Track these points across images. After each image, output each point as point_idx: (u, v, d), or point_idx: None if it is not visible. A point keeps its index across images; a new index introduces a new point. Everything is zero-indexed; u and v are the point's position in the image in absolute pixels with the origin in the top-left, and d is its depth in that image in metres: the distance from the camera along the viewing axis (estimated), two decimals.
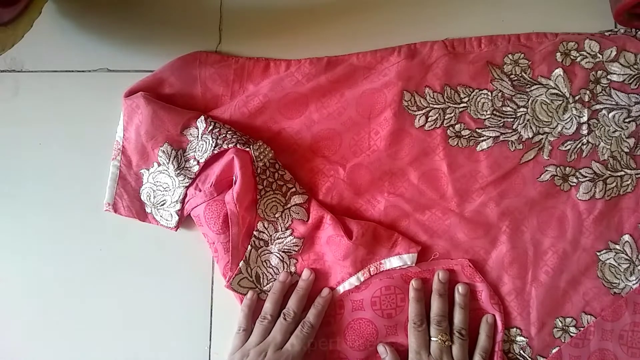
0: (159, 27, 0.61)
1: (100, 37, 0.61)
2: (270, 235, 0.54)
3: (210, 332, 0.56)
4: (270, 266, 0.54)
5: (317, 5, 0.60)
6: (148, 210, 0.56)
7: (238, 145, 0.53)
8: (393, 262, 0.53)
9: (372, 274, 0.53)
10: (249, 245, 0.53)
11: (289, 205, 0.54)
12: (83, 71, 0.61)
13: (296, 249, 0.54)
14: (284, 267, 0.54)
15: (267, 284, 0.53)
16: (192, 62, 0.58)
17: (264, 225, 0.54)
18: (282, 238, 0.54)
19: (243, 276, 0.53)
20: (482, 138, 0.56)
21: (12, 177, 0.60)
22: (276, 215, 0.54)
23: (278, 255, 0.53)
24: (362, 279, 0.53)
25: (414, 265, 0.53)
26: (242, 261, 0.53)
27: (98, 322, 0.57)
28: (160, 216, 0.56)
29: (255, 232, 0.53)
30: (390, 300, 0.52)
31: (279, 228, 0.54)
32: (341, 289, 0.53)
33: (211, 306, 0.56)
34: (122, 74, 0.60)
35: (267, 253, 0.54)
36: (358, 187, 0.56)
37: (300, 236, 0.53)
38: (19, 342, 0.58)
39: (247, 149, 0.53)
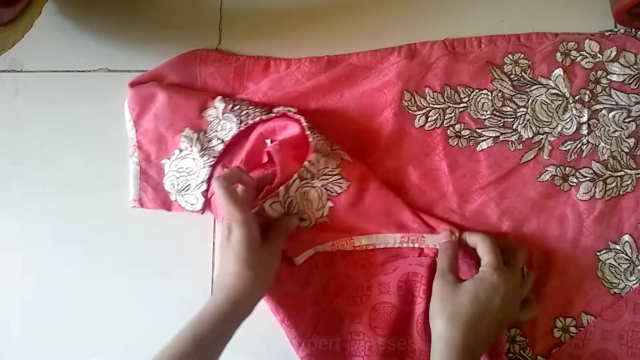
0: (159, 27, 0.61)
1: (100, 37, 0.61)
2: (319, 169, 0.51)
3: None
4: (306, 199, 0.51)
5: (317, 5, 0.60)
6: (172, 198, 0.56)
7: (263, 117, 0.53)
8: (435, 239, 0.52)
9: (410, 243, 0.52)
10: (296, 174, 0.51)
11: (334, 147, 0.53)
12: (83, 71, 0.61)
13: (338, 190, 0.51)
14: (318, 204, 0.52)
15: (296, 213, 0.51)
16: (193, 60, 0.58)
17: (317, 157, 0.51)
18: (330, 175, 0.52)
19: (277, 200, 0.50)
20: (482, 138, 0.56)
21: (12, 177, 0.60)
22: (328, 150, 0.52)
23: (318, 190, 0.51)
24: (397, 241, 0.52)
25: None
26: (283, 187, 0.50)
27: (98, 320, 0.57)
28: (186, 201, 0.55)
29: (306, 163, 0.51)
30: (415, 287, 0.52)
31: (330, 164, 0.52)
32: (374, 238, 0.53)
33: None
34: (122, 74, 0.60)
35: (309, 187, 0.51)
36: None
37: (347, 178, 0.52)
38: (19, 339, 0.58)
39: (297, 116, 0.53)
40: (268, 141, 0.54)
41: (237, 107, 0.55)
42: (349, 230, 0.53)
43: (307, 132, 0.52)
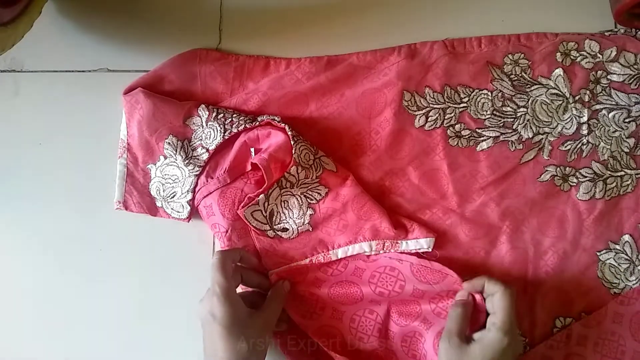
0: (159, 27, 0.61)
1: (100, 37, 0.61)
2: (299, 180, 0.53)
3: None
4: (287, 207, 0.53)
5: (317, 4, 0.60)
6: (158, 204, 0.56)
7: (247, 126, 0.54)
8: (410, 245, 0.52)
9: (385, 250, 0.52)
10: (276, 183, 0.52)
11: (319, 155, 0.54)
12: (83, 71, 0.61)
13: (317, 197, 0.53)
14: (299, 212, 0.53)
15: (279, 223, 0.53)
16: (192, 60, 0.58)
17: (296, 170, 0.53)
18: (309, 183, 0.53)
19: (258, 208, 0.52)
20: (482, 138, 0.56)
21: (12, 177, 0.60)
22: (309, 163, 0.53)
23: (298, 198, 0.53)
24: (374, 249, 0.52)
25: (430, 249, 0.52)
26: (262, 195, 0.52)
27: (97, 322, 0.57)
28: (172, 209, 0.56)
29: (286, 174, 0.52)
30: (389, 281, 0.52)
31: (311, 175, 0.53)
32: (350, 249, 0.53)
33: None
34: (122, 74, 0.60)
35: (289, 194, 0.53)
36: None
37: (326, 185, 0.53)
38: (19, 342, 0.58)
39: (282, 125, 0.53)
40: (252, 150, 0.54)
41: (221, 115, 0.55)
42: (328, 239, 0.53)
43: (292, 143, 0.52)
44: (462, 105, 0.57)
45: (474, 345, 0.46)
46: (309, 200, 0.53)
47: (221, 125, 0.54)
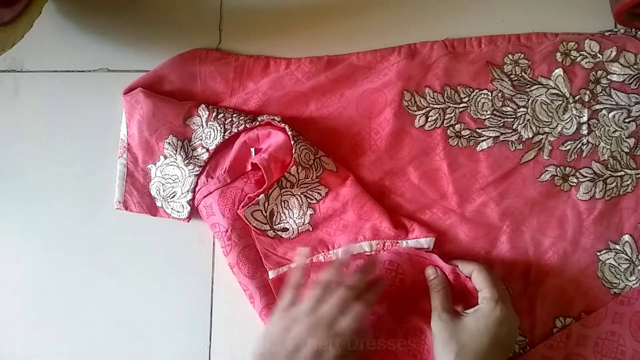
0: (159, 27, 0.61)
1: (100, 37, 0.61)
2: (299, 180, 0.53)
3: (210, 332, 0.56)
4: (287, 207, 0.53)
5: (317, 5, 0.60)
6: (159, 204, 0.56)
7: (247, 126, 0.54)
8: (410, 244, 0.52)
9: (385, 248, 0.52)
10: (276, 183, 0.53)
11: (319, 155, 0.54)
12: (83, 71, 0.61)
13: (318, 197, 0.53)
14: (299, 212, 0.53)
15: (279, 223, 0.53)
16: (192, 60, 0.58)
17: (297, 170, 0.53)
18: (309, 183, 0.53)
19: (258, 208, 0.52)
20: (482, 138, 0.56)
21: (12, 177, 0.60)
22: (309, 163, 0.53)
23: (299, 198, 0.53)
24: (374, 248, 0.52)
25: (430, 249, 0.52)
26: (262, 194, 0.52)
27: (98, 322, 0.57)
28: (172, 209, 0.56)
29: (286, 173, 0.53)
30: (390, 276, 0.51)
31: (311, 175, 0.53)
32: (350, 249, 0.53)
33: (211, 306, 0.56)
34: (122, 74, 0.60)
35: (289, 194, 0.53)
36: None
37: (326, 185, 0.53)
38: (18, 342, 0.57)
39: (282, 125, 0.53)
40: (252, 150, 0.54)
41: (221, 114, 0.55)
42: (328, 239, 0.53)
43: (292, 143, 0.52)
44: (462, 105, 0.57)
45: (468, 317, 0.46)
46: (309, 200, 0.53)
47: (221, 125, 0.54)
